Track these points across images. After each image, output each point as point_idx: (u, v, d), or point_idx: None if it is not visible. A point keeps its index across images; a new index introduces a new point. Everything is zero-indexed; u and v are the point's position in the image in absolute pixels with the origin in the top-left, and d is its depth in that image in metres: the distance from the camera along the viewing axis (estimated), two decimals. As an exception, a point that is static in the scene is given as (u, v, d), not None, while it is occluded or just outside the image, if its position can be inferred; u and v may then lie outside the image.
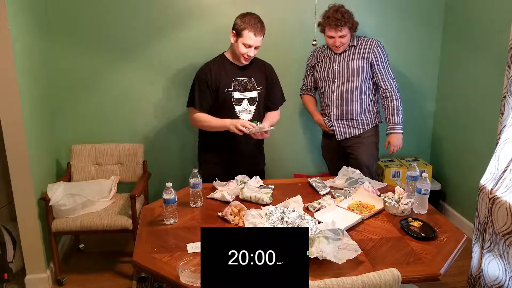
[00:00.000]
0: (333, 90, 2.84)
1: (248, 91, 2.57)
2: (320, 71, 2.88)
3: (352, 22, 2.69)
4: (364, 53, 2.77)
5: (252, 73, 2.59)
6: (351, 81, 2.79)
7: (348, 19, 2.65)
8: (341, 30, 2.66)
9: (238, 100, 2.55)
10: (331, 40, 2.73)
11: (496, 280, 2.11)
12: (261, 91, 2.62)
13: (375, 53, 2.77)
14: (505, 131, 2.14)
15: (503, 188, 2.07)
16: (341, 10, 2.66)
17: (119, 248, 3.13)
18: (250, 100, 2.58)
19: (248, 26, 2.41)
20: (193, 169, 2.19)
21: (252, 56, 2.50)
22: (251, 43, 2.42)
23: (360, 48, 2.78)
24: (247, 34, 2.41)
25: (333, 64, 2.82)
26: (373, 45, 2.77)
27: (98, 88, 3.18)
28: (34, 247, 2.66)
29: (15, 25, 2.42)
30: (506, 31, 2.64)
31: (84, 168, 3.04)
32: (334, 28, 2.65)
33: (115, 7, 3.05)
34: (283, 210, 1.80)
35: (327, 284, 1.41)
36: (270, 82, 2.68)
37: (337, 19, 2.62)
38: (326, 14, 2.70)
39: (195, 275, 1.61)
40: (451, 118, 3.46)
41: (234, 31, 2.46)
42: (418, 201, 2.14)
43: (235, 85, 2.54)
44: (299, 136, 3.56)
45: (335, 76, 2.82)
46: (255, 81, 2.59)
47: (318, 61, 2.92)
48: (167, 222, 2.03)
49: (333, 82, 2.83)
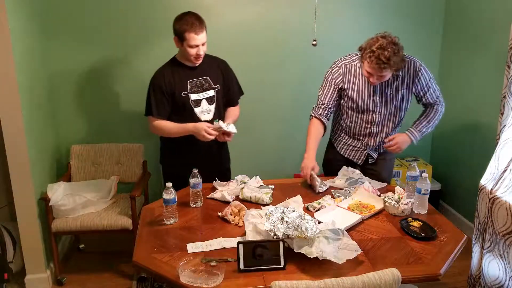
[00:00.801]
0: (373, 122, 2.49)
1: (205, 91, 2.52)
2: (356, 99, 2.45)
3: (397, 65, 2.22)
4: (409, 80, 2.41)
5: (206, 72, 2.54)
6: (394, 112, 2.48)
7: (395, 62, 2.18)
8: (383, 72, 2.23)
9: (196, 102, 2.51)
10: (368, 75, 2.32)
11: (496, 280, 2.11)
12: (219, 89, 2.56)
13: (419, 78, 2.41)
14: (505, 131, 2.14)
15: (503, 188, 2.07)
16: (389, 48, 2.16)
17: (119, 248, 3.13)
18: (208, 99, 2.54)
19: (187, 27, 2.35)
20: (193, 169, 2.19)
21: (202, 53, 2.43)
22: (197, 43, 2.37)
23: (404, 76, 2.40)
24: (189, 36, 2.35)
25: (374, 95, 2.42)
26: (417, 69, 2.39)
27: (98, 87, 3.18)
28: (34, 247, 2.66)
29: (15, 25, 2.42)
30: (506, 31, 2.64)
31: (84, 168, 3.04)
32: (374, 67, 2.22)
33: (115, 7, 3.04)
34: (283, 210, 1.79)
35: (327, 284, 1.41)
36: (227, 78, 2.62)
37: (381, 60, 2.16)
38: (371, 45, 2.21)
39: (195, 275, 1.61)
40: (451, 118, 3.45)
41: (176, 36, 2.41)
42: (418, 201, 2.13)
43: (191, 87, 2.50)
44: (299, 136, 3.55)
45: (376, 108, 2.45)
46: (210, 79, 2.54)
47: (351, 84, 2.44)
48: (167, 222, 2.03)
49: (372, 113, 2.47)
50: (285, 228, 1.71)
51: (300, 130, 3.53)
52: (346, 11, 3.32)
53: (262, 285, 1.58)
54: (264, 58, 3.32)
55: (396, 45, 2.19)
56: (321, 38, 2.89)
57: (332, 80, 2.47)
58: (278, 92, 3.41)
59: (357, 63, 2.43)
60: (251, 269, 1.65)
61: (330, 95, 2.49)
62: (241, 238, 1.86)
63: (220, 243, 1.85)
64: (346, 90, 2.46)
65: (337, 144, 2.70)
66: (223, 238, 1.89)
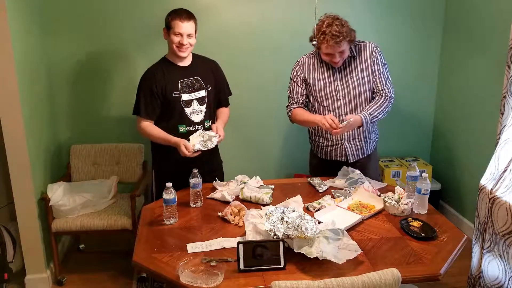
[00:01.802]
0: (339, 108, 2.51)
1: (196, 91, 2.50)
2: (319, 87, 2.52)
3: (350, 34, 2.35)
4: (366, 61, 2.48)
5: (197, 72, 2.52)
6: (358, 96, 2.49)
7: (346, 32, 2.31)
8: (340, 46, 2.32)
9: (187, 102, 2.48)
10: (328, 57, 2.41)
11: (496, 280, 2.11)
12: (210, 89, 2.54)
13: (376, 57, 2.48)
14: (505, 131, 2.14)
15: (503, 188, 2.07)
16: (336, 23, 2.30)
17: (119, 248, 3.13)
18: (199, 100, 2.51)
19: (174, 15, 2.38)
20: (193, 169, 2.19)
21: (186, 44, 2.40)
22: (181, 31, 2.37)
23: (361, 57, 2.48)
24: (175, 23, 2.36)
25: (334, 79, 2.49)
26: (372, 49, 2.48)
27: (98, 87, 3.18)
28: (34, 247, 2.66)
29: (15, 25, 2.42)
30: (506, 31, 2.64)
31: (84, 168, 3.04)
32: (332, 45, 2.31)
33: (115, 7, 3.05)
34: (283, 210, 1.79)
35: (327, 284, 1.41)
36: (218, 78, 2.61)
37: (334, 34, 2.28)
38: (319, 28, 2.34)
39: (195, 275, 1.61)
40: (451, 118, 3.46)
41: (165, 27, 2.44)
42: (418, 201, 2.13)
43: (182, 87, 2.47)
44: (299, 136, 3.55)
45: (339, 93, 2.49)
46: (202, 80, 2.52)
47: (311, 73, 2.54)
48: (167, 222, 2.03)
49: (337, 100, 2.50)
50: (285, 228, 1.71)
51: (300, 130, 3.54)
52: (346, 11, 3.29)
53: (262, 285, 1.58)
54: (264, 58, 3.32)
55: (339, 19, 2.34)
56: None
57: (294, 76, 2.58)
58: (277, 92, 3.40)
59: (313, 55, 2.56)
60: (251, 269, 1.65)
61: (297, 90, 2.58)
62: (241, 238, 1.86)
63: (220, 243, 1.85)
64: (307, 79, 2.54)
65: (316, 150, 2.69)
66: (223, 238, 1.89)
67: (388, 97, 2.48)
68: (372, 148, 2.63)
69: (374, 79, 2.49)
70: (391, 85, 2.51)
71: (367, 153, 2.61)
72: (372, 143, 2.62)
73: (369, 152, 2.62)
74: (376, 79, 2.49)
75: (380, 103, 2.46)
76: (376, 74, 2.48)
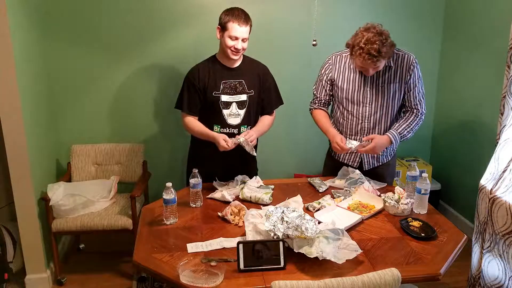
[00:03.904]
0: (363, 116, 2.41)
1: (237, 94, 2.46)
2: (347, 90, 2.41)
3: (390, 53, 2.17)
4: (402, 73, 2.33)
5: (243, 75, 2.48)
6: (386, 106, 2.37)
7: (385, 53, 2.12)
8: (376, 64, 2.18)
9: (226, 104, 2.45)
10: (361, 69, 2.28)
11: (496, 280, 2.11)
12: (252, 94, 2.50)
13: (414, 71, 2.33)
14: (505, 131, 2.14)
15: (503, 188, 2.07)
16: (377, 41, 2.10)
17: (119, 248, 3.13)
18: (239, 103, 2.47)
19: (232, 17, 2.33)
20: (193, 169, 2.19)
21: (240, 49, 2.36)
22: (237, 35, 2.33)
23: (397, 68, 2.33)
24: (232, 26, 2.32)
25: (364, 85, 2.37)
26: (410, 62, 2.32)
27: (98, 88, 3.18)
28: (34, 247, 2.66)
29: (15, 25, 2.42)
30: (506, 31, 2.64)
31: (84, 168, 3.04)
32: (368, 63, 2.17)
33: (115, 7, 3.04)
34: (283, 210, 1.79)
35: (327, 284, 1.41)
36: (264, 84, 2.56)
37: (371, 54, 2.11)
38: (358, 41, 2.15)
39: (195, 275, 1.61)
40: (451, 118, 3.46)
41: (219, 26, 2.38)
42: (418, 201, 2.14)
43: (223, 88, 2.44)
44: (299, 136, 3.56)
45: (366, 100, 2.38)
46: (246, 84, 2.48)
47: (340, 74, 2.42)
48: (167, 222, 2.03)
49: (363, 106, 2.39)
50: (285, 228, 1.71)
51: (300, 129, 3.54)
52: (346, 11, 3.32)
53: (262, 285, 1.58)
54: (263, 58, 3.30)
55: (382, 35, 2.14)
56: (321, 38, 2.89)
57: (322, 74, 2.50)
58: (278, 92, 3.41)
59: (346, 54, 2.41)
60: (251, 269, 1.65)
61: (321, 90, 2.52)
62: (241, 238, 1.86)
63: (220, 243, 1.85)
64: (335, 80, 2.45)
65: (333, 152, 2.60)
66: (223, 238, 1.89)
67: (419, 113, 2.40)
68: (389, 157, 2.55)
69: (407, 93, 2.39)
70: (423, 101, 2.42)
71: (383, 162, 2.54)
72: (390, 153, 2.54)
73: (385, 161, 2.54)
74: (410, 93, 2.38)
75: (410, 121, 2.39)
76: (410, 88, 2.37)
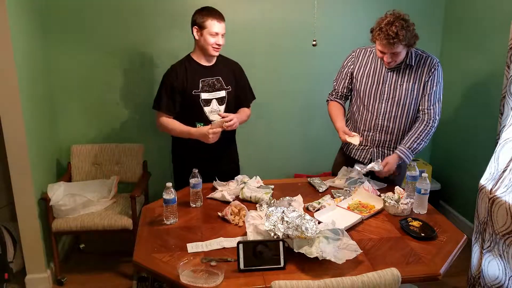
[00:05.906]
0: (379, 112, 2.41)
1: (216, 91, 2.52)
2: (365, 84, 2.42)
3: (409, 40, 2.18)
4: (421, 74, 2.32)
5: (219, 72, 2.54)
6: (402, 105, 2.36)
7: (403, 36, 2.14)
8: (394, 47, 2.19)
9: (206, 101, 2.50)
10: (381, 54, 2.29)
11: (496, 280, 2.11)
12: (230, 90, 2.56)
13: (434, 74, 2.32)
14: (504, 131, 2.15)
15: (503, 188, 2.07)
16: (397, 23, 2.14)
17: (119, 248, 3.13)
18: (218, 100, 2.53)
19: (209, 15, 2.39)
20: (194, 169, 2.19)
21: (222, 44, 2.44)
22: (217, 30, 2.39)
23: (418, 68, 2.33)
24: (211, 23, 2.37)
25: (383, 82, 2.37)
26: (432, 65, 2.32)
27: (98, 88, 3.18)
28: (34, 247, 2.66)
29: (16, 25, 2.42)
30: (506, 31, 2.64)
31: (84, 168, 3.05)
32: (385, 44, 2.19)
33: (116, 7, 3.05)
34: (283, 210, 1.80)
35: (327, 284, 1.41)
36: (240, 82, 2.63)
37: (389, 34, 2.14)
38: (379, 23, 2.21)
39: (195, 275, 1.61)
40: (451, 118, 3.46)
41: (196, 26, 2.42)
42: (418, 201, 2.14)
43: (203, 86, 2.49)
44: (299, 136, 3.56)
45: (383, 96, 2.38)
46: (223, 80, 2.54)
47: (362, 67, 2.44)
48: (167, 222, 2.03)
49: (380, 102, 2.39)
50: (285, 228, 1.71)
51: (300, 129, 3.54)
52: (346, 11, 3.32)
53: (262, 285, 1.58)
54: (263, 58, 3.32)
55: (404, 20, 2.17)
56: (321, 38, 2.89)
57: (343, 67, 2.53)
58: (277, 92, 3.41)
59: (370, 49, 2.45)
60: (251, 269, 1.65)
61: (341, 82, 2.55)
62: (241, 238, 1.86)
63: (220, 243, 1.85)
64: (355, 72, 2.47)
65: (346, 147, 2.62)
66: (223, 238, 1.89)
67: (430, 121, 2.35)
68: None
69: (423, 95, 2.35)
70: (438, 107, 2.37)
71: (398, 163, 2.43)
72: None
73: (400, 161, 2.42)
74: (426, 96, 2.35)
75: (419, 132, 2.34)
76: (426, 90, 2.34)
